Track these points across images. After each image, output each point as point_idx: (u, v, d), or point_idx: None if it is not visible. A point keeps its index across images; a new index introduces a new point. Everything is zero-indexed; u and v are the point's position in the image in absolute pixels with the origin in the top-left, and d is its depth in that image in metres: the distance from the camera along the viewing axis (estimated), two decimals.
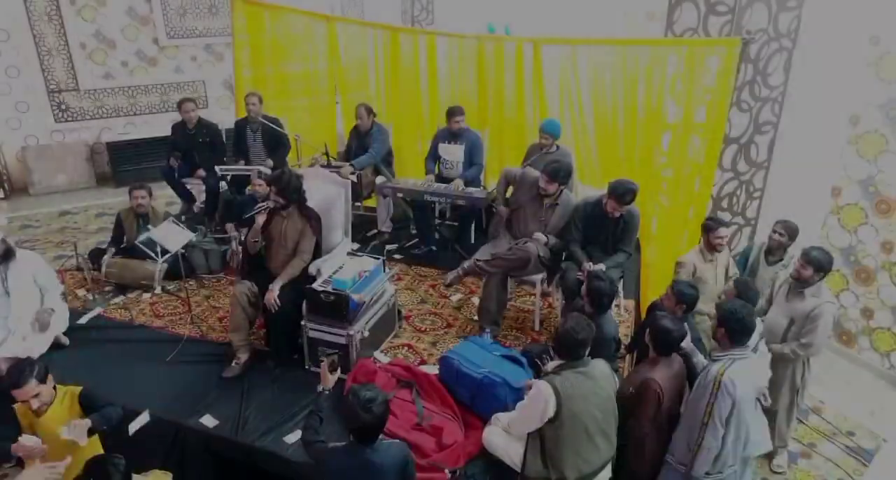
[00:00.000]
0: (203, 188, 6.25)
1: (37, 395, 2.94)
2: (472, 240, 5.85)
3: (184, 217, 6.04)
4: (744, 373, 3.06)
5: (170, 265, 5.01)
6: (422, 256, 5.69)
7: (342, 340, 3.92)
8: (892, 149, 5.36)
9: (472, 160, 5.66)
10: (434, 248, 5.77)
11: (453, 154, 5.66)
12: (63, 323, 4.36)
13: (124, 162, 8.31)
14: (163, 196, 7.08)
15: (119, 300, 4.94)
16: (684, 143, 5.17)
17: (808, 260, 3.95)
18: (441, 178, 5.75)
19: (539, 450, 3.06)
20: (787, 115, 5.47)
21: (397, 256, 5.69)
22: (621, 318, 4.72)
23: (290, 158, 6.37)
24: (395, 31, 6.36)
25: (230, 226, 5.44)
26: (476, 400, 3.64)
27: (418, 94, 6.42)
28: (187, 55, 8.75)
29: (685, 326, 3.49)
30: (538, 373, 3.54)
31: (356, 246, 5.33)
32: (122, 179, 8.17)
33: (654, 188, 5.42)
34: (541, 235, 4.48)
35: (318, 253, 4.27)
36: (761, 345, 3.71)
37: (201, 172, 6.20)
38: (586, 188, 5.39)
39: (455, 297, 5.04)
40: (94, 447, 3.12)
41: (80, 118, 8.29)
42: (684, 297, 3.68)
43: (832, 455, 4.76)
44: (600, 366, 3.17)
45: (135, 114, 8.60)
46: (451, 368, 3.73)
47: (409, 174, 6.43)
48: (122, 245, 5.13)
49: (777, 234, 4.48)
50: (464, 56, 6.09)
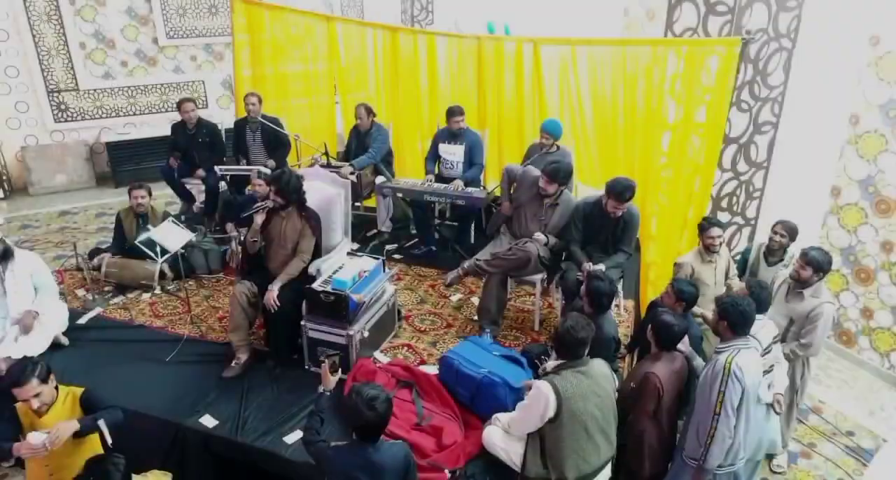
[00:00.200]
0: (203, 188, 6.24)
1: (37, 395, 2.93)
2: (472, 240, 5.85)
3: (183, 217, 6.03)
4: (749, 363, 3.08)
5: (169, 265, 5.01)
6: (421, 256, 5.69)
7: (342, 340, 3.92)
8: (891, 149, 5.37)
9: (473, 160, 5.65)
10: (434, 248, 5.77)
11: (453, 154, 5.65)
12: (62, 323, 4.36)
13: (124, 162, 8.31)
14: (162, 196, 7.08)
15: (119, 300, 4.94)
16: (684, 143, 5.17)
17: (808, 260, 3.95)
18: (441, 178, 5.74)
19: (539, 450, 3.06)
20: (787, 115, 5.47)
21: (397, 256, 5.69)
22: (621, 318, 4.71)
23: (290, 158, 6.37)
24: (395, 30, 6.35)
25: (230, 226, 5.43)
26: (476, 400, 3.64)
27: (418, 94, 6.41)
28: (187, 55, 8.74)
29: (686, 321, 3.50)
30: (538, 373, 3.54)
31: (356, 246, 5.33)
32: (121, 179, 8.17)
33: (653, 188, 5.42)
34: (541, 235, 4.48)
35: (317, 253, 4.27)
36: (776, 349, 3.70)
37: (201, 172, 6.20)
38: (586, 188, 5.38)
39: (455, 297, 5.04)
40: (93, 447, 3.12)
41: (79, 118, 8.29)
42: (684, 295, 3.70)
43: (832, 455, 4.76)
44: (599, 366, 3.17)
45: (134, 115, 8.60)
46: (450, 368, 3.73)
47: (409, 174, 6.42)
48: (126, 246, 5.11)
49: (778, 236, 4.47)
50: (463, 56, 6.08)
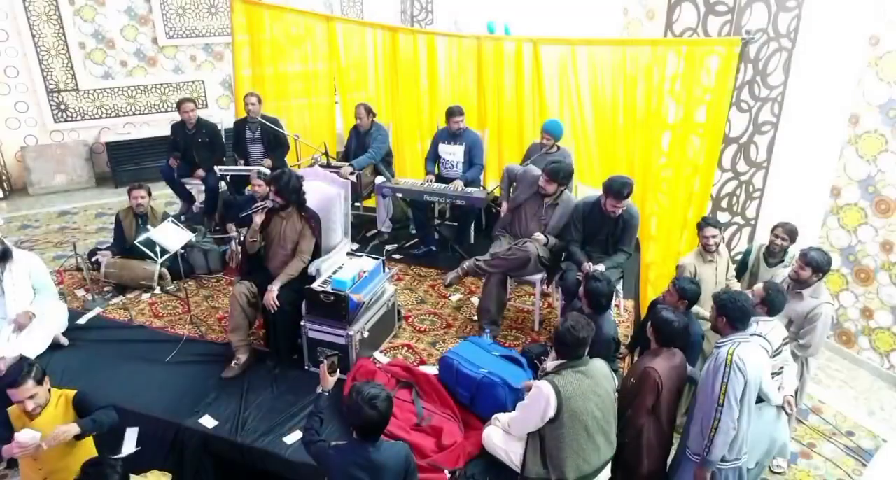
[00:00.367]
0: (202, 188, 6.25)
1: (32, 396, 2.93)
2: (472, 241, 5.85)
3: (183, 217, 6.04)
4: (750, 355, 3.09)
5: (169, 265, 5.01)
6: (421, 256, 5.68)
7: (342, 340, 3.92)
8: (891, 149, 5.37)
9: (473, 160, 5.65)
10: (433, 248, 5.76)
11: (453, 154, 5.65)
12: (62, 323, 4.35)
13: (124, 162, 8.31)
14: (162, 196, 7.08)
15: (118, 300, 4.93)
16: (684, 143, 5.17)
17: (807, 260, 3.95)
18: (441, 179, 5.74)
19: (539, 450, 3.06)
20: (787, 115, 5.47)
21: (397, 256, 5.69)
22: (621, 318, 4.71)
23: (290, 158, 6.37)
24: (395, 30, 6.35)
25: (230, 226, 5.43)
26: (476, 400, 3.64)
27: (418, 94, 6.41)
28: (186, 55, 8.74)
29: (686, 317, 3.50)
30: (538, 373, 3.54)
31: (356, 246, 5.33)
32: (121, 179, 8.18)
33: (653, 188, 5.42)
34: (540, 235, 4.48)
35: (317, 253, 4.26)
36: (785, 350, 3.70)
37: (201, 172, 6.20)
38: (586, 188, 5.38)
39: (455, 297, 5.04)
40: (87, 449, 3.12)
41: (79, 118, 8.29)
42: (686, 293, 3.71)
43: (832, 455, 4.76)
44: (599, 366, 3.18)
45: (134, 115, 8.60)
46: (450, 368, 3.73)
47: (409, 174, 6.42)
48: (126, 246, 5.11)
49: (779, 239, 4.47)
50: (463, 56, 6.08)
